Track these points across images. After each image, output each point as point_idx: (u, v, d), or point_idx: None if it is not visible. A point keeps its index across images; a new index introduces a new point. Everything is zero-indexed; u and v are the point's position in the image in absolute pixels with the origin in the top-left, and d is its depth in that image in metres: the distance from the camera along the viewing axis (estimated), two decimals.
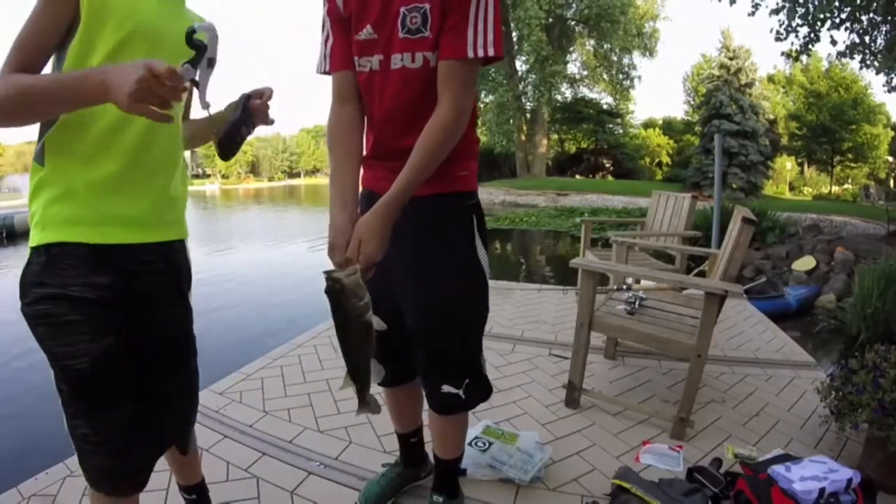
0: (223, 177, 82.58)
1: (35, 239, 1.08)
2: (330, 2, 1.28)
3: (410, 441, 1.81)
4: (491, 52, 1.18)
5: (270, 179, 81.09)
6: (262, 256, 10.61)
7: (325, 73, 1.33)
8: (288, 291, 7.18)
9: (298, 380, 2.77)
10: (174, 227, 1.29)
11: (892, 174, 33.03)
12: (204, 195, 41.45)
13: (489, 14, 1.17)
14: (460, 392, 1.45)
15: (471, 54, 1.17)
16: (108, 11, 1.02)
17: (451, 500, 1.68)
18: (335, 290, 1.08)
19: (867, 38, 7.77)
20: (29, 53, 1.00)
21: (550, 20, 26.83)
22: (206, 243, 11.92)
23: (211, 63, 1.02)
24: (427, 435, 1.85)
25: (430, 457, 1.78)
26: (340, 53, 1.29)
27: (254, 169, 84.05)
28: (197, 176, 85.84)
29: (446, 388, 1.44)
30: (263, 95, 1.28)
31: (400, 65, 1.23)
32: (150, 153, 1.16)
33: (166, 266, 1.25)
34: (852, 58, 8.17)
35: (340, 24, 1.28)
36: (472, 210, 1.41)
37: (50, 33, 1.01)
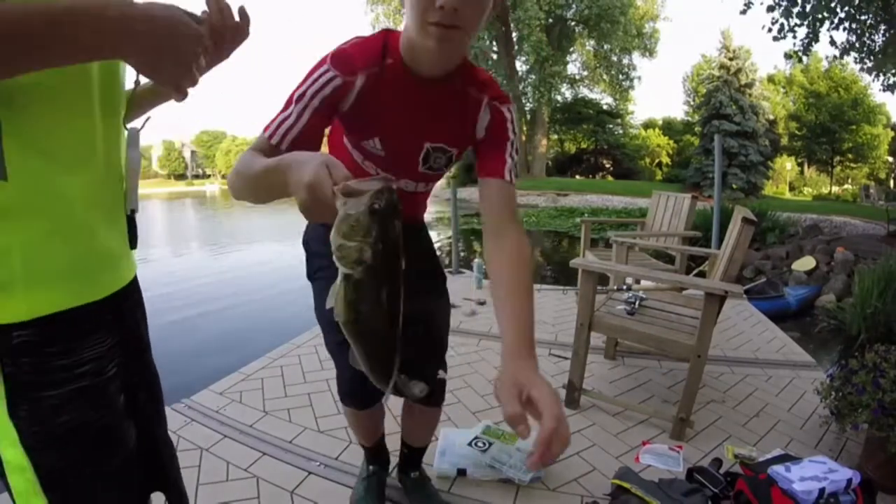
0: (223, 177, 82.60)
1: (12, 311, 0.65)
2: (332, 87, 1.03)
3: (381, 444, 1.80)
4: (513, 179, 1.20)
5: None
6: (262, 256, 10.61)
7: (273, 145, 1.02)
8: (287, 291, 7.17)
9: (298, 380, 2.76)
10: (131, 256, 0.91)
11: (892, 174, 33.05)
12: (204, 195, 41.43)
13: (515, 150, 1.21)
14: (446, 376, 1.54)
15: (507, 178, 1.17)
16: None
17: (423, 470, 1.82)
18: (393, 203, 0.68)
19: (865, 38, 7.77)
20: None
21: (550, 21, 26.88)
22: (206, 244, 11.93)
23: None
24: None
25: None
26: (303, 139, 1.02)
27: None
28: (197, 176, 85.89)
29: (441, 375, 1.50)
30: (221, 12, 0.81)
31: (412, 188, 1.29)
32: (119, 138, 0.82)
33: (139, 296, 0.94)
34: (849, 55, 8.17)
35: (327, 109, 1.05)
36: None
37: None
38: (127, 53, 0.63)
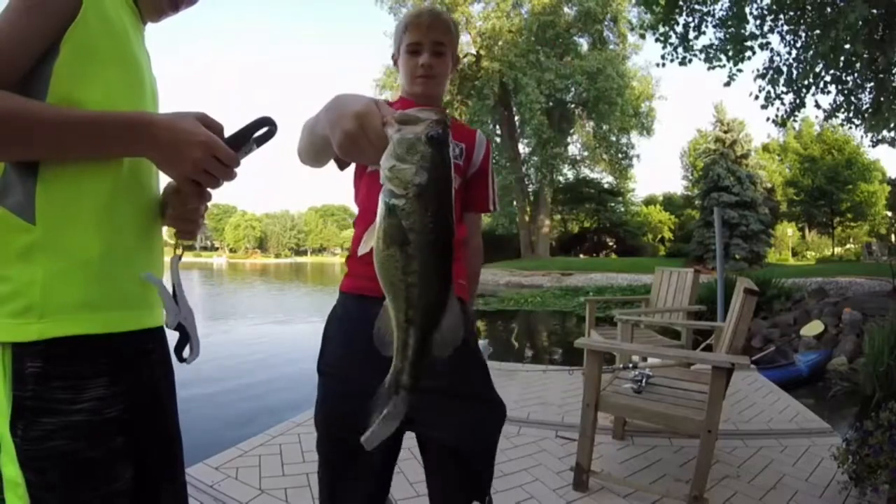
0: (231, 250, 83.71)
1: (26, 332, 0.75)
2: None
3: None
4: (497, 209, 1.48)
5: (277, 256, 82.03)
6: (266, 333, 10.54)
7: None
8: (290, 369, 7.07)
9: (297, 459, 2.68)
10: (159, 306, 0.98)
11: (893, 229, 32.99)
12: (211, 267, 41.65)
13: (495, 180, 1.46)
14: None
15: (491, 208, 1.43)
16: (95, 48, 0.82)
17: None
18: (448, 134, 0.66)
19: (853, 98, 7.98)
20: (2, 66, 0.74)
21: (551, 104, 27.94)
22: (209, 318, 11.92)
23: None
24: None
25: None
26: None
27: (261, 245, 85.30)
28: (205, 248, 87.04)
29: None
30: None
31: None
32: (152, 203, 0.96)
33: (163, 354, 1.00)
34: (836, 117, 8.36)
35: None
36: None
37: (30, 47, 0.76)
38: (148, 154, 0.84)
